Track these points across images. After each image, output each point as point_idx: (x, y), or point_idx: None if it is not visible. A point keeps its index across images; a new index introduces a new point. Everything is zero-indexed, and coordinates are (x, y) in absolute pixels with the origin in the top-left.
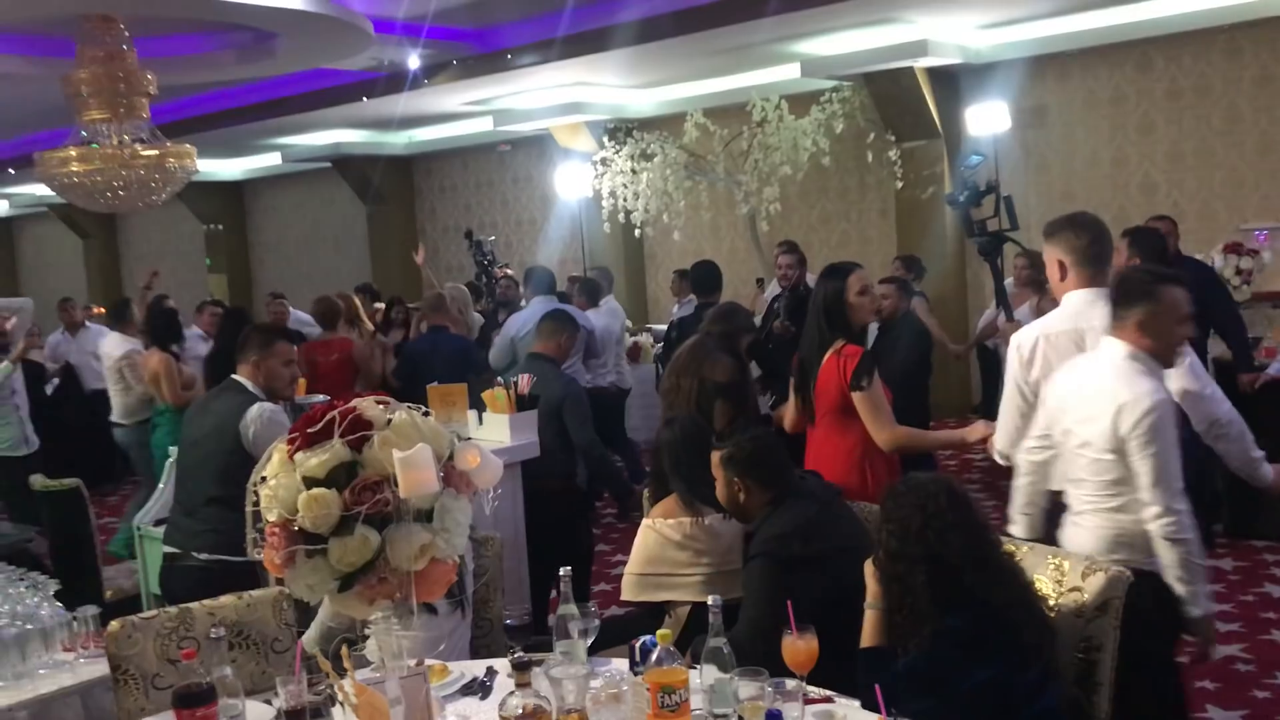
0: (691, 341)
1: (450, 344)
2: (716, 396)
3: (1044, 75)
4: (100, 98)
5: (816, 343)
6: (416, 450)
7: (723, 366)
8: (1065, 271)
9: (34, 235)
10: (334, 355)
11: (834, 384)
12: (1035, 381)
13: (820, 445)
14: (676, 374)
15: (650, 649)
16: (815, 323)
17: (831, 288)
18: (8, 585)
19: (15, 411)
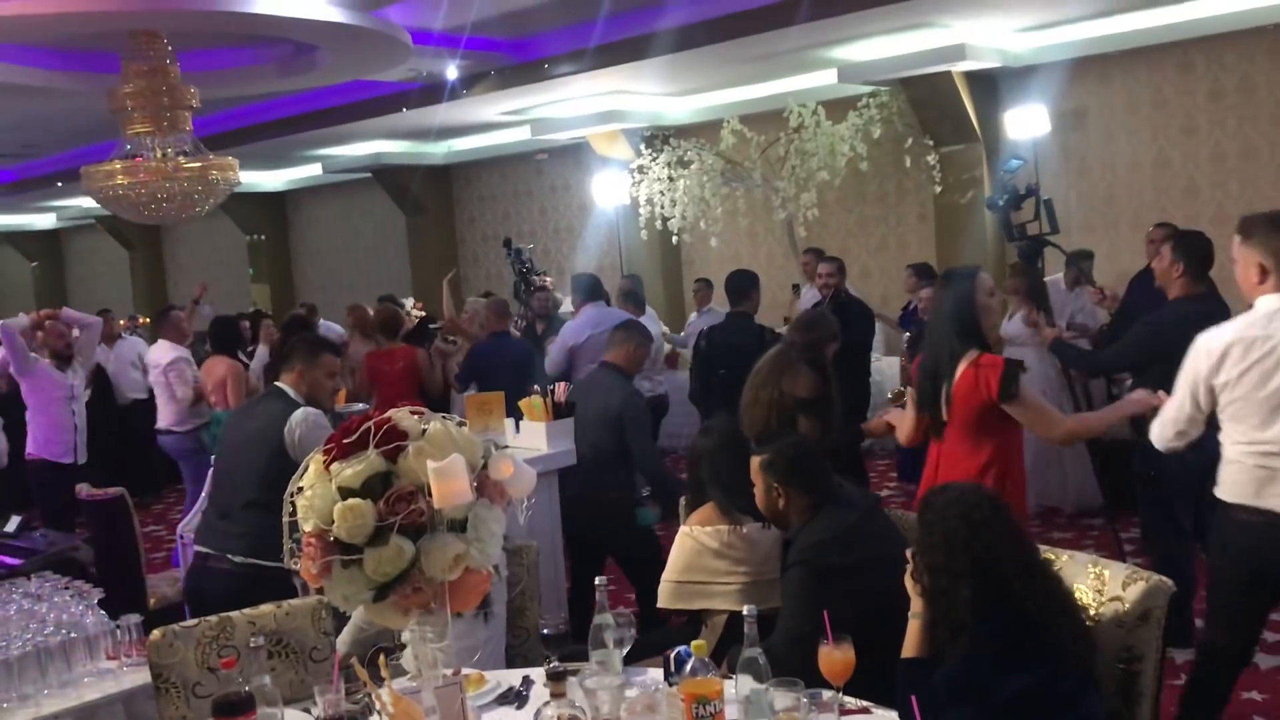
0: (773, 352)
1: (514, 350)
2: (799, 412)
3: (1084, 78)
4: (144, 111)
5: (947, 353)
6: (450, 461)
7: (805, 380)
8: (1265, 275)
9: (81, 247)
10: (399, 364)
11: (973, 397)
12: (1222, 384)
13: (950, 459)
14: (755, 387)
15: (685, 659)
16: (945, 330)
17: (960, 291)
18: (53, 594)
19: (71, 418)
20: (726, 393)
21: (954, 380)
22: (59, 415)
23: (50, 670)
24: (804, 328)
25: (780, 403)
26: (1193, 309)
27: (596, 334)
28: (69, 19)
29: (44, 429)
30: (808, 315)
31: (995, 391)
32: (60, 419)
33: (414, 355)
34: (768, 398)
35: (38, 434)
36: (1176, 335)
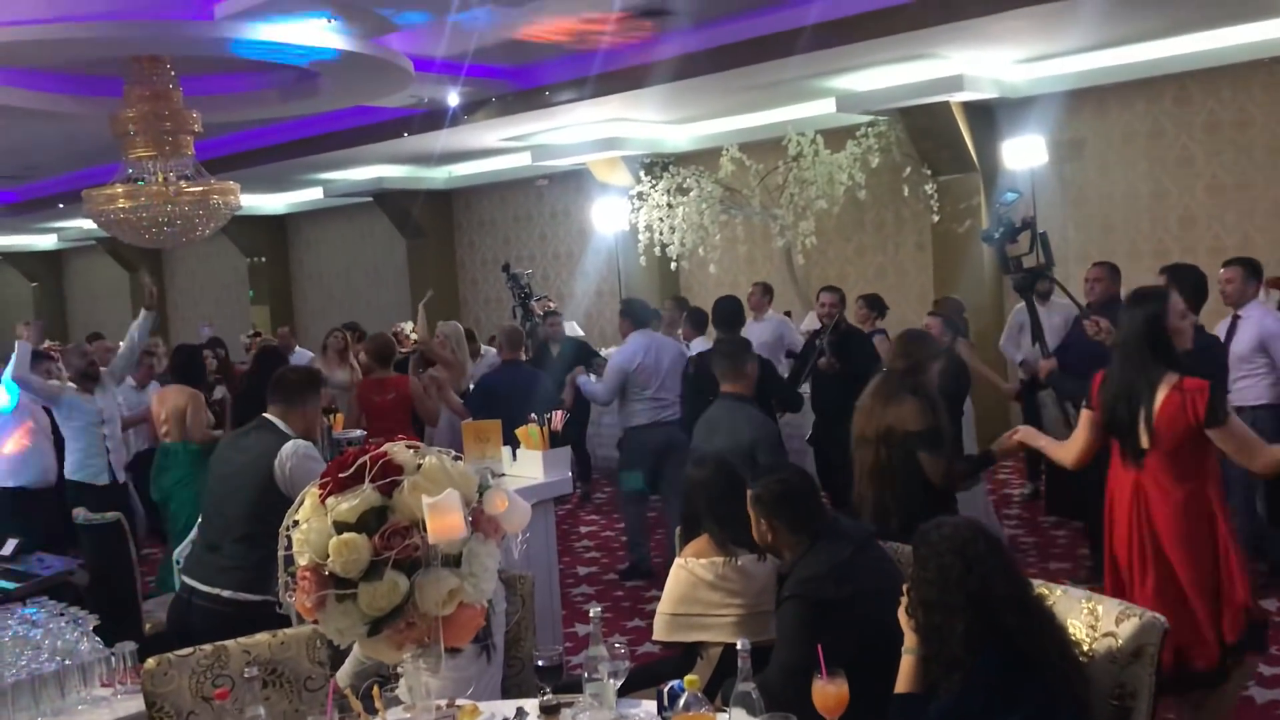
0: (874, 383)
1: (527, 378)
2: (913, 446)
3: (1081, 109)
4: (147, 136)
5: (1142, 377)
6: (444, 496)
7: (911, 410)
8: None
9: (81, 268)
10: (390, 394)
11: (1178, 422)
12: None
13: (1157, 488)
14: (860, 424)
15: (678, 694)
16: (1136, 354)
17: (1152, 313)
18: (49, 620)
19: (103, 442)
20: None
21: (1156, 405)
22: (89, 440)
23: (44, 697)
24: (903, 350)
25: (890, 438)
26: None
27: (649, 360)
28: (73, 44)
29: (75, 454)
30: (909, 336)
31: (1203, 416)
32: (91, 444)
33: (406, 385)
34: (875, 433)
35: (70, 458)
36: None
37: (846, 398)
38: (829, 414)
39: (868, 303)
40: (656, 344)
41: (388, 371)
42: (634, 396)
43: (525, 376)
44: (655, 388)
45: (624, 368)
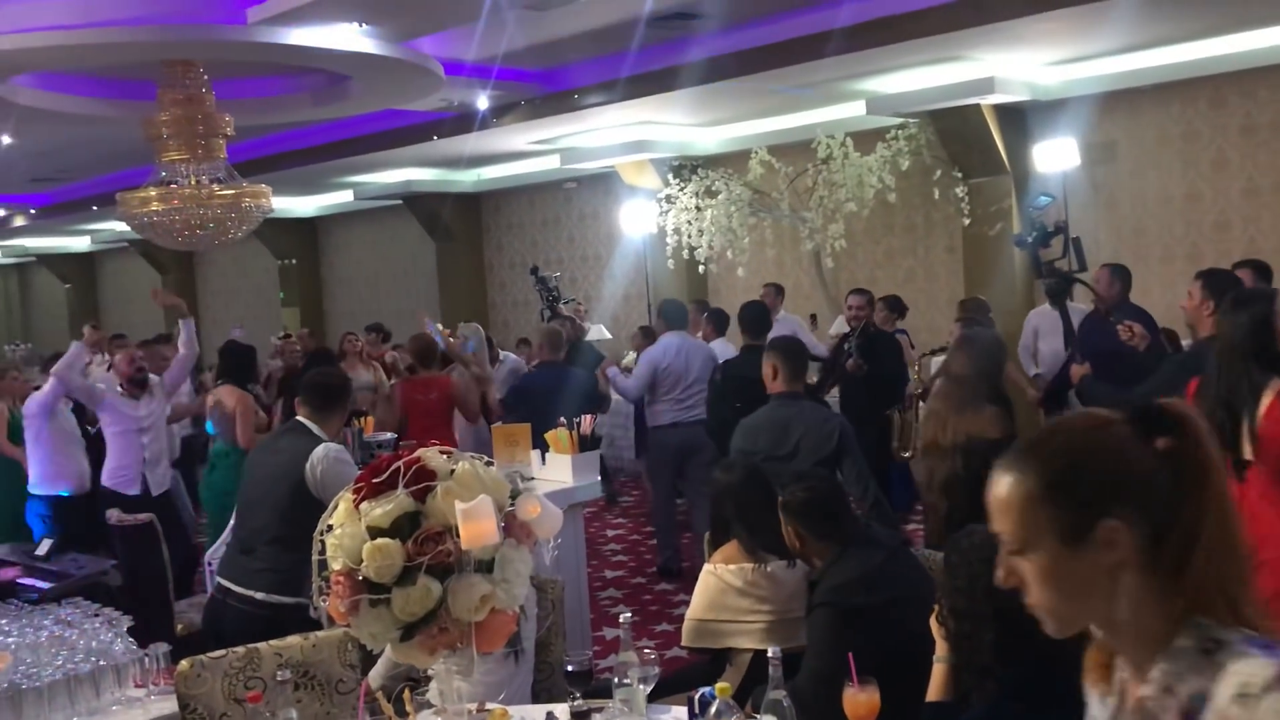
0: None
1: (567, 378)
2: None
3: (1114, 111)
4: (179, 139)
5: (1245, 383)
6: (478, 502)
7: (990, 418)
8: None
9: (115, 269)
10: (433, 393)
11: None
12: None
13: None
14: (934, 432)
15: (709, 701)
16: (1239, 359)
17: (1257, 314)
18: (84, 621)
19: (140, 450)
20: None
21: (1260, 413)
22: (127, 446)
23: (79, 697)
24: (981, 354)
25: (968, 448)
26: None
27: (679, 361)
28: (107, 48)
29: (112, 459)
30: (982, 340)
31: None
32: (128, 450)
33: (449, 385)
34: (951, 443)
35: (108, 463)
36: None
37: (874, 401)
38: (856, 418)
39: (888, 304)
40: (687, 346)
41: (431, 371)
42: (660, 396)
43: (565, 377)
44: (682, 389)
45: (654, 362)
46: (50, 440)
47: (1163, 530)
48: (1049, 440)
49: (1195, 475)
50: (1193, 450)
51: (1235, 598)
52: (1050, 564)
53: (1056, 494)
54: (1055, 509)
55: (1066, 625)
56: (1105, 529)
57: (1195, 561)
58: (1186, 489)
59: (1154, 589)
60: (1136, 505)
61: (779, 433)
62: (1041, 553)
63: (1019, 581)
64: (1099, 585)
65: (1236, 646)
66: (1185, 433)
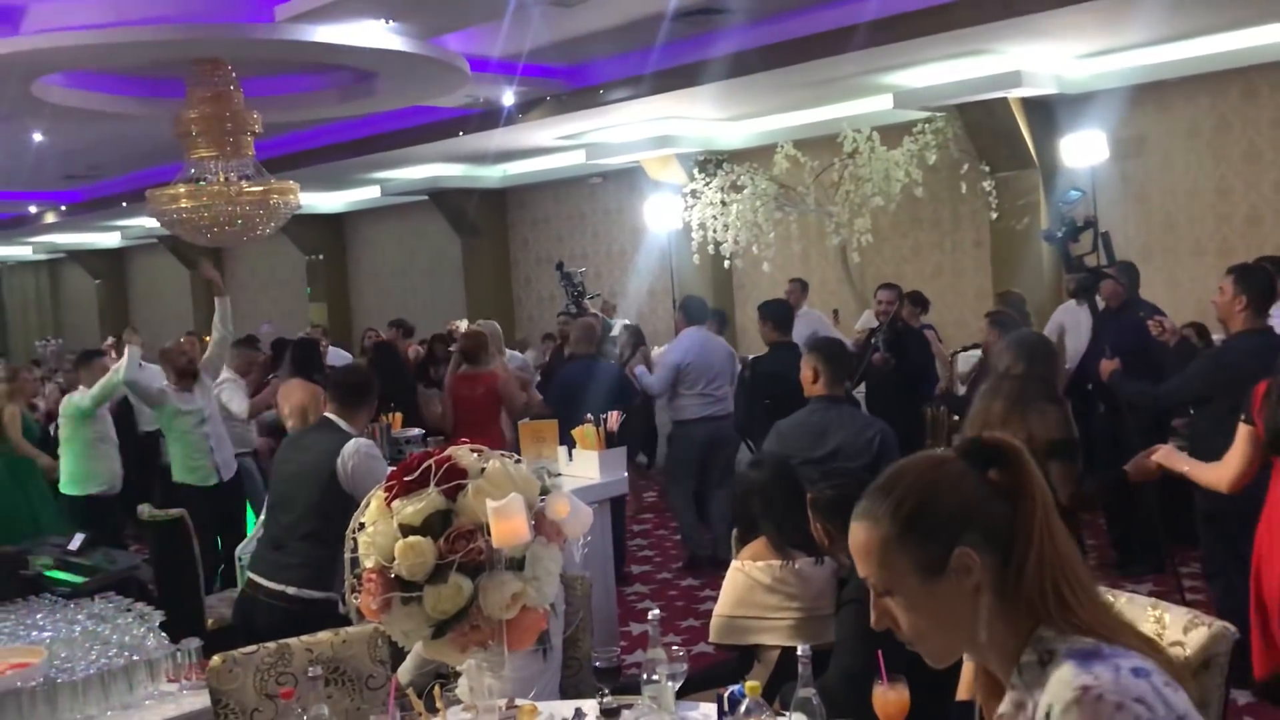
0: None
1: (604, 372)
2: (1051, 458)
3: (1143, 104)
4: (208, 136)
5: None
6: (509, 500)
7: (1053, 419)
8: None
9: (144, 265)
10: (480, 389)
11: None
12: None
13: None
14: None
15: (739, 700)
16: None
17: None
18: (116, 615)
19: (205, 441)
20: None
21: None
22: (193, 441)
23: (113, 692)
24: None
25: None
26: (1257, 342)
27: (700, 357)
28: (136, 47)
29: (179, 456)
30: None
31: None
32: (195, 444)
33: (495, 380)
34: None
35: (175, 461)
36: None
37: (902, 396)
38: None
39: (911, 299)
40: (708, 342)
41: (478, 367)
42: (683, 392)
43: (602, 371)
44: (704, 384)
45: (676, 363)
46: (86, 440)
47: (1006, 551)
48: (895, 484)
49: (1024, 498)
50: (1019, 477)
51: (1068, 603)
52: (917, 599)
53: (911, 533)
54: (912, 547)
55: (943, 655)
56: (959, 556)
57: (1029, 573)
58: (1018, 511)
59: (1005, 608)
60: (982, 531)
61: (815, 437)
62: (907, 590)
63: (891, 622)
64: (963, 612)
65: (1060, 657)
66: (1010, 462)
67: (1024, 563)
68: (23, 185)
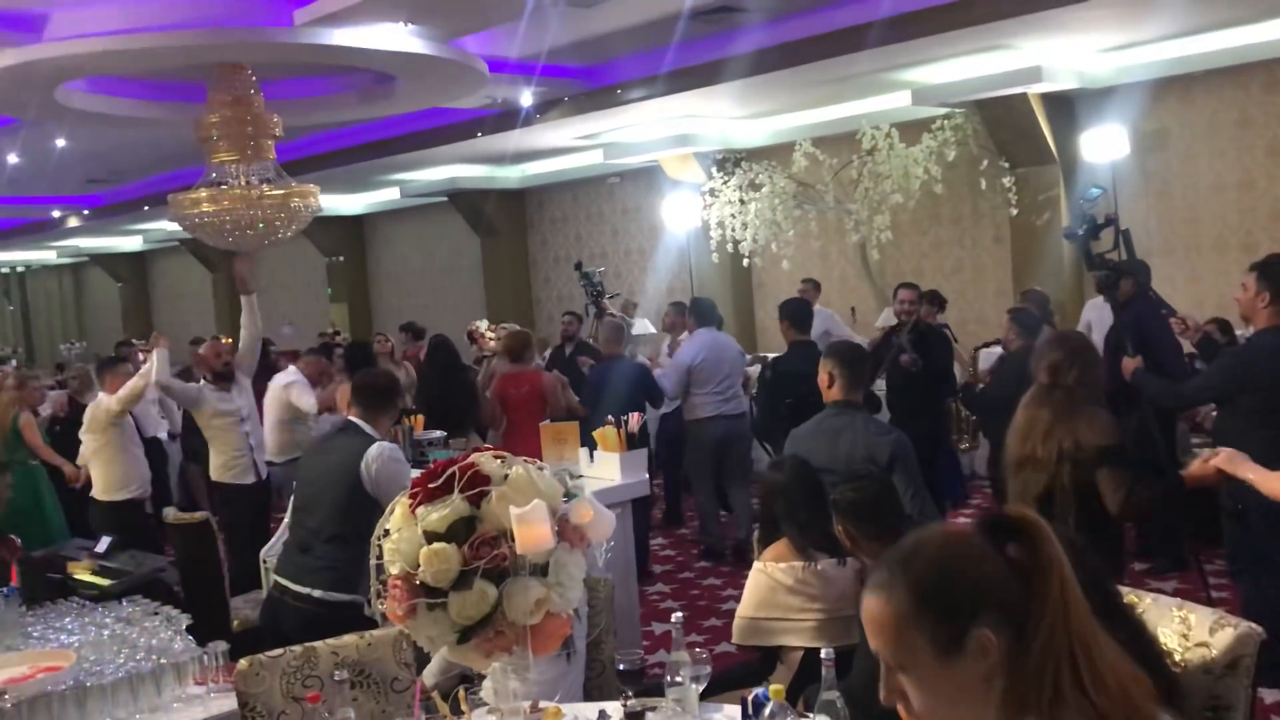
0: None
1: (632, 371)
2: (1100, 465)
3: (1165, 98)
4: (229, 140)
5: None
6: (532, 507)
7: (1102, 424)
8: None
9: (166, 268)
10: (524, 388)
11: None
12: None
13: None
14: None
15: (763, 703)
16: None
17: None
18: (144, 618)
19: (245, 439)
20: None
21: None
22: (232, 440)
23: (142, 695)
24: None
25: (1076, 456)
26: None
27: (711, 357)
28: (157, 53)
29: (220, 455)
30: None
31: None
32: (234, 443)
33: (540, 379)
34: (1054, 453)
35: (215, 460)
36: (1266, 366)
37: (924, 394)
38: (906, 410)
39: (928, 298)
40: (718, 342)
41: (522, 366)
42: (696, 391)
43: (630, 370)
44: (716, 383)
45: (688, 364)
46: (117, 447)
47: (1019, 633)
48: (913, 557)
49: (1042, 579)
50: (1039, 555)
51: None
52: (930, 678)
53: (927, 609)
54: (928, 623)
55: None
56: (978, 638)
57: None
58: (1034, 592)
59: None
60: (999, 611)
61: (828, 444)
62: (920, 668)
63: (901, 699)
64: (977, 693)
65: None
66: (1032, 539)
67: (1031, 646)
68: (46, 190)
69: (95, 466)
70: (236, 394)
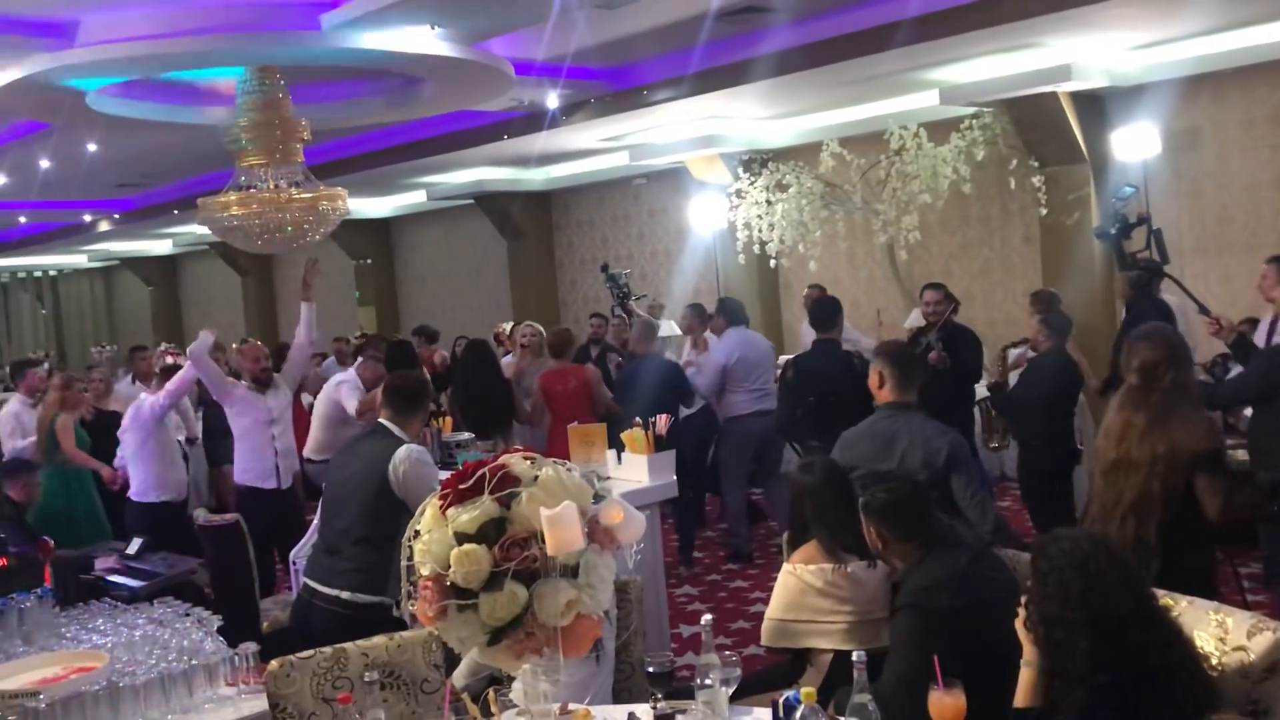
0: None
1: (660, 370)
2: (1197, 471)
3: (1197, 96)
4: (258, 144)
5: None
6: (563, 509)
7: (1198, 428)
8: None
9: (195, 272)
10: (571, 383)
11: None
12: None
13: None
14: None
15: (794, 705)
16: None
17: None
18: (175, 620)
19: (271, 443)
20: (815, 421)
21: None
22: (258, 440)
23: (173, 695)
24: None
25: (1172, 459)
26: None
27: (746, 355)
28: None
29: (244, 455)
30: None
31: None
32: (259, 444)
33: (586, 374)
34: (1150, 455)
35: (240, 460)
36: None
37: (953, 398)
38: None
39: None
40: (750, 340)
41: (567, 362)
42: (732, 389)
43: (662, 369)
44: (752, 380)
45: (723, 364)
46: (156, 449)
47: None
48: None
49: None
50: None
51: None
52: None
53: None
54: None
55: None
56: None
57: None
58: None
59: None
60: None
61: (882, 446)
62: None
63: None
64: None
65: None
66: None
67: None
68: (77, 194)
69: (134, 467)
70: (271, 396)
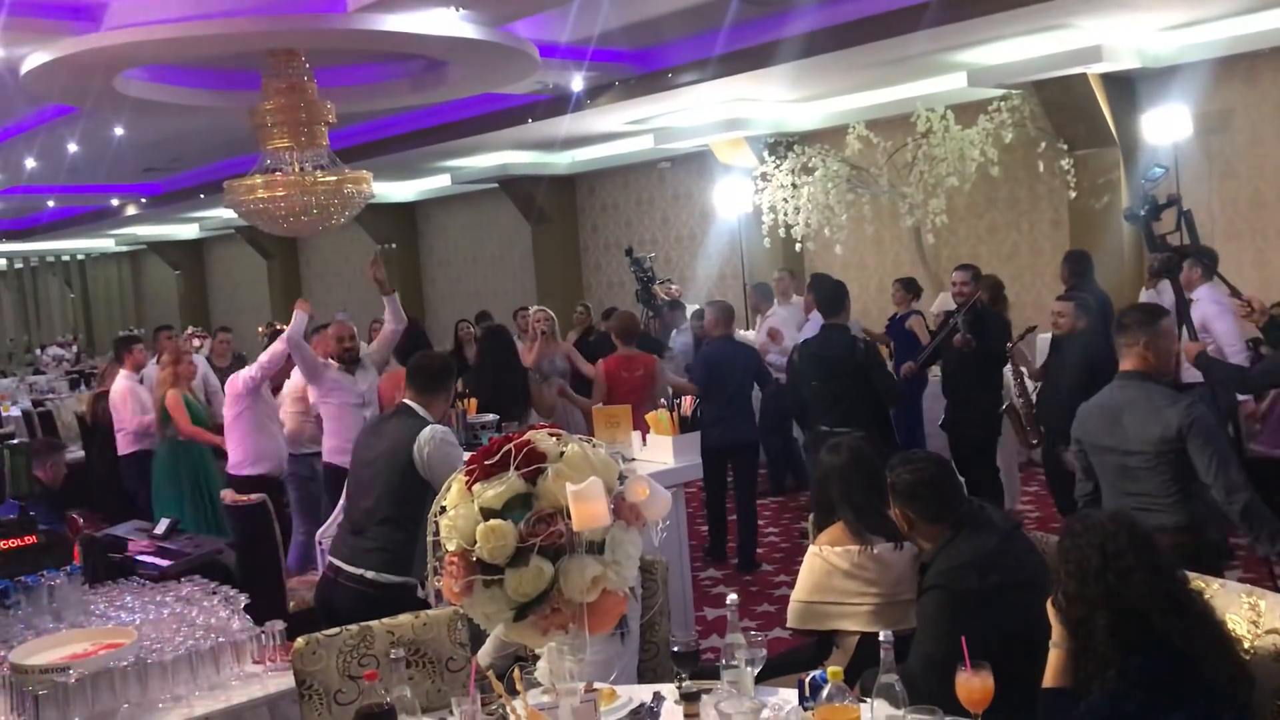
0: None
1: (743, 353)
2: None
3: (1230, 77)
4: (283, 127)
5: None
6: (589, 484)
7: None
8: None
9: (222, 256)
10: (638, 370)
11: None
12: None
13: None
14: None
15: (821, 684)
16: None
17: None
18: (203, 598)
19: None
20: (820, 405)
21: None
22: (350, 421)
23: (200, 672)
24: None
25: None
26: None
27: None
28: (213, 40)
29: (334, 436)
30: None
31: None
32: (349, 425)
33: (653, 362)
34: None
35: (329, 441)
36: None
37: (981, 378)
38: (963, 397)
39: (904, 285)
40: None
41: (633, 349)
42: None
43: (742, 352)
44: None
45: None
46: (252, 422)
47: None
48: None
49: None
50: None
51: None
52: None
53: None
54: None
55: None
56: None
57: None
58: None
59: None
60: None
61: (1110, 421)
62: None
63: None
64: None
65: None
66: None
67: None
68: (105, 178)
69: (230, 440)
70: (360, 378)
